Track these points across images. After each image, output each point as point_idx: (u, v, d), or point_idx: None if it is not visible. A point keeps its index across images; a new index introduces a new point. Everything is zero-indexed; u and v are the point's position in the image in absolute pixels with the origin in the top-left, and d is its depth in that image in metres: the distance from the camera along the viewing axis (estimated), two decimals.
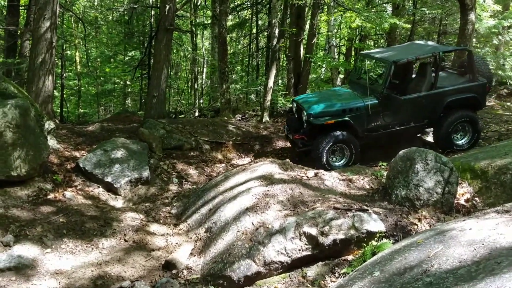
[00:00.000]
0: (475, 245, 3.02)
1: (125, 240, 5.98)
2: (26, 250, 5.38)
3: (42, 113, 7.96)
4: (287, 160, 7.38)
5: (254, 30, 21.14)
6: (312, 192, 6.05)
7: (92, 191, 7.54)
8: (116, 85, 21.74)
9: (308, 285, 4.81)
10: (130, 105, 22.54)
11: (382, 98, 8.76)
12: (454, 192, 5.61)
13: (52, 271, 5.23)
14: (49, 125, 8.01)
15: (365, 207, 5.28)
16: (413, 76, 9.88)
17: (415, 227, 5.17)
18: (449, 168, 5.60)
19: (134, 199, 7.84)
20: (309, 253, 5.02)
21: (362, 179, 6.67)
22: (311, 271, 5.01)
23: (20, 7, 15.57)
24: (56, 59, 11.87)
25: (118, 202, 7.62)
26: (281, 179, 6.42)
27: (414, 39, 15.61)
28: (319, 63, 17.19)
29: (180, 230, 6.41)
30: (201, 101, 20.36)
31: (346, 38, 18.45)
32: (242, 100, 18.84)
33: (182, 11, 17.46)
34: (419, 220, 5.28)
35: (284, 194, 5.96)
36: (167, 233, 6.34)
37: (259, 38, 21.06)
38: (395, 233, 5.05)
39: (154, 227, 6.46)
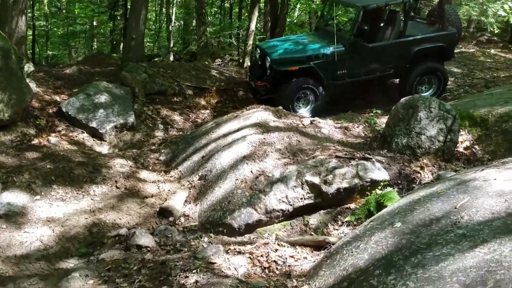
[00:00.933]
0: (506, 196, 2.96)
1: (117, 187, 5.79)
2: (15, 197, 5.15)
3: (21, 55, 7.49)
4: (280, 107, 7.19)
5: None
6: (310, 140, 5.94)
7: (76, 136, 7.24)
8: (85, 26, 20.71)
9: (312, 233, 4.78)
10: (96, 47, 21.55)
11: (349, 46, 8.41)
12: (456, 140, 5.61)
13: (44, 218, 5.04)
14: (28, 67, 7.55)
15: (368, 156, 5.21)
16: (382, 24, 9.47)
17: (418, 175, 5.17)
18: (452, 116, 5.56)
19: (120, 145, 7.59)
20: (311, 201, 4.98)
21: (357, 127, 6.59)
22: (313, 219, 4.98)
23: None
24: None
25: (104, 148, 7.36)
26: (276, 126, 6.27)
27: None
28: (298, 5, 16.56)
29: (171, 177, 6.24)
30: (171, 44, 19.47)
31: None
32: (214, 44, 18.06)
33: None
34: (421, 168, 5.27)
35: (282, 142, 5.84)
36: (158, 180, 6.16)
37: None
38: (399, 182, 5.04)
39: (144, 174, 6.26)
